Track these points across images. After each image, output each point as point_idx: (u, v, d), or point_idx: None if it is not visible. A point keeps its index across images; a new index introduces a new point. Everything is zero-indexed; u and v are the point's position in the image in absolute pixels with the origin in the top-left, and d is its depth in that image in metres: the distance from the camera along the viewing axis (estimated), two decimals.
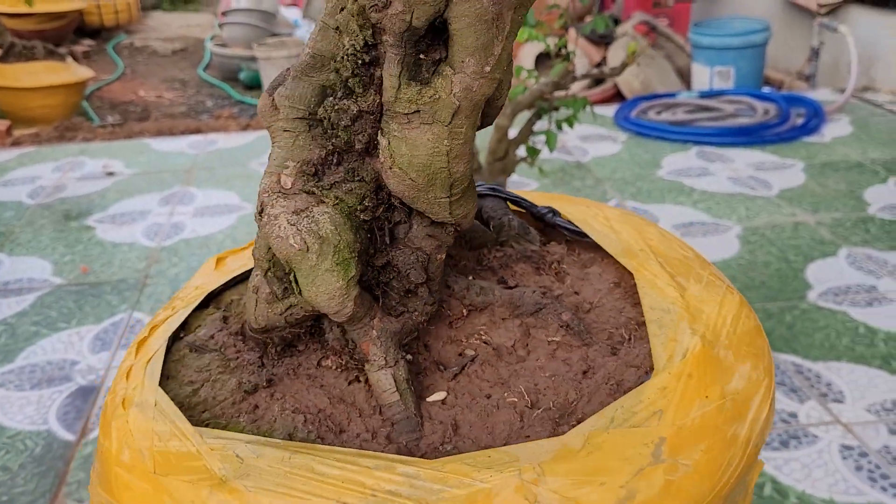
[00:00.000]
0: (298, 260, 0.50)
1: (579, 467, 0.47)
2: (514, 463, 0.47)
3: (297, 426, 0.53)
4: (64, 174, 2.57)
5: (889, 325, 1.59)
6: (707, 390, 0.55)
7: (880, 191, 2.23)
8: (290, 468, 0.47)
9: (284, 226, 0.50)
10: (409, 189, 0.52)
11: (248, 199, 2.30)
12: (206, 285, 0.68)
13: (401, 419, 0.53)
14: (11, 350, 1.59)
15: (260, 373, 0.57)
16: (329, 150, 0.52)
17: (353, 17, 0.49)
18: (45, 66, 3.62)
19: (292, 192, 0.50)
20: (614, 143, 2.69)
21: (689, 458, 0.50)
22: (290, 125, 0.51)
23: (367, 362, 0.55)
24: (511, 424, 0.54)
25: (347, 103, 0.51)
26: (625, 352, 0.61)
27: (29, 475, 1.26)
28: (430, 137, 0.50)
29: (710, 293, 0.65)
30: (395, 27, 0.47)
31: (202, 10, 7.70)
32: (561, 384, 0.57)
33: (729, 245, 1.94)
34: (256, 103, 4.49)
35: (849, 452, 1.26)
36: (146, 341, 0.63)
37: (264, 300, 0.54)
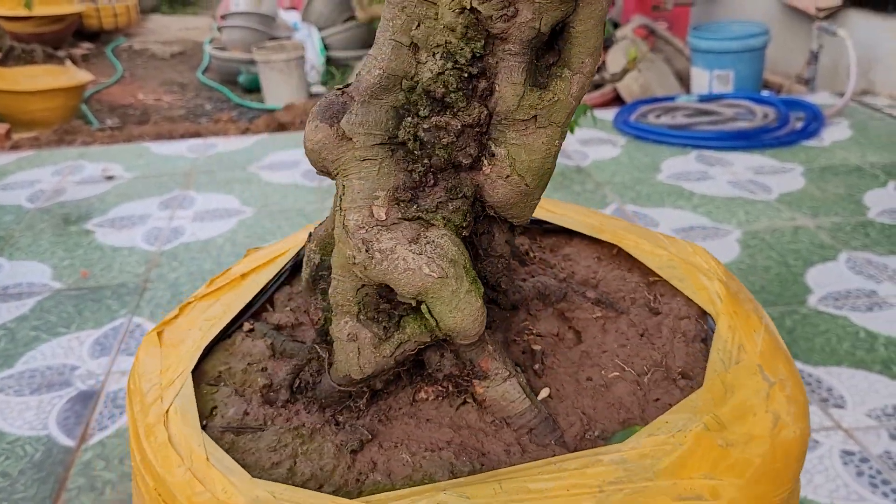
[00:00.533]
0: (438, 288, 0.47)
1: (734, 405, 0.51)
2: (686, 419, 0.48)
3: (452, 462, 0.50)
4: (63, 178, 2.57)
5: (889, 329, 1.59)
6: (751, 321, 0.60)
7: (880, 195, 2.23)
8: (509, 496, 0.45)
9: (411, 257, 0.47)
10: (519, 195, 0.50)
11: (248, 203, 2.30)
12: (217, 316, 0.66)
13: (538, 423, 0.52)
14: (11, 355, 1.59)
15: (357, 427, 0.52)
16: (421, 172, 0.49)
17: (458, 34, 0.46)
18: (45, 70, 3.62)
19: (390, 222, 0.48)
20: (614, 146, 2.69)
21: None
22: (370, 153, 0.48)
23: (484, 379, 0.52)
24: (634, 394, 0.55)
25: (445, 120, 0.48)
26: (664, 308, 0.64)
27: (29, 481, 1.25)
28: (545, 140, 0.49)
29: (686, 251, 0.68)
30: (524, 35, 0.46)
31: (201, 12, 7.71)
32: (639, 349, 0.59)
33: (729, 249, 1.94)
34: (256, 106, 4.49)
35: (850, 458, 1.26)
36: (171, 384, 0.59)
37: (369, 345, 0.50)
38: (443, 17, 0.46)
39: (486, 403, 0.53)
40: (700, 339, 0.61)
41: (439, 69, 0.47)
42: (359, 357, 0.50)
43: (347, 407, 0.53)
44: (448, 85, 0.47)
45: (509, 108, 0.48)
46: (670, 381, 0.56)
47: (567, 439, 0.52)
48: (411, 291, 0.48)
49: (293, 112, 3.22)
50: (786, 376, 0.55)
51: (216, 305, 0.62)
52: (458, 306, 0.48)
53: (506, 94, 0.47)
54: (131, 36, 6.49)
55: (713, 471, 0.46)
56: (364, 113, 0.47)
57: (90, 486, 1.24)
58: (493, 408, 0.53)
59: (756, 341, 0.57)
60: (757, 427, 0.49)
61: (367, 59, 0.48)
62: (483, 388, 0.53)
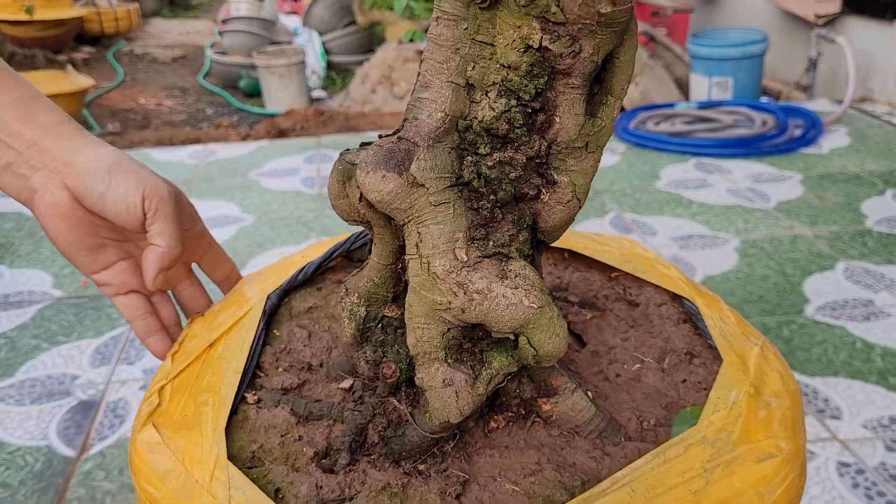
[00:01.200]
0: (538, 318, 0.48)
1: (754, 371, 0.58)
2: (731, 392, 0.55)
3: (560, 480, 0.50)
4: None
5: (886, 340, 1.60)
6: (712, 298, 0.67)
7: (878, 203, 2.24)
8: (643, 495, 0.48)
9: (510, 293, 0.47)
10: (571, 218, 0.53)
11: (248, 211, 2.31)
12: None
13: (605, 426, 0.54)
14: (12, 364, 1.60)
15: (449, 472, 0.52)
16: (489, 208, 0.50)
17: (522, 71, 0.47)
18: (46, 76, 3.63)
19: (472, 262, 0.48)
20: (612, 154, 2.69)
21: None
22: (443, 197, 0.48)
23: (553, 395, 0.54)
24: (663, 380, 0.59)
25: (510, 155, 0.49)
26: (640, 299, 0.68)
27: (29, 491, 1.26)
28: (593, 163, 0.51)
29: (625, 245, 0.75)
30: (585, 69, 0.48)
31: (202, 17, 7.72)
32: (641, 339, 0.63)
33: (727, 258, 1.95)
34: (257, 111, 4.50)
35: (846, 469, 1.27)
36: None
37: (466, 387, 0.50)
38: (503, 57, 0.47)
39: (553, 418, 0.55)
40: (682, 320, 0.65)
41: (503, 107, 0.48)
42: (457, 400, 0.50)
43: (431, 455, 0.53)
44: (513, 121, 0.48)
45: (571, 138, 0.50)
46: (685, 362, 0.60)
47: (631, 434, 0.55)
48: (513, 326, 0.48)
49: (294, 118, 3.23)
50: (760, 338, 0.62)
51: (198, 383, 0.58)
52: (555, 332, 0.49)
53: (568, 125, 0.49)
54: (132, 40, 6.51)
55: (768, 430, 0.52)
56: (432, 157, 0.47)
57: (90, 496, 1.25)
58: (562, 420, 0.55)
59: (728, 313, 0.63)
60: (774, 385, 0.56)
61: (423, 102, 0.47)
62: (551, 404, 0.55)
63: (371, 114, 3.40)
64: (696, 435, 0.51)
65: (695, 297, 0.66)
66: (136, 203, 0.59)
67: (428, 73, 0.48)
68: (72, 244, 0.61)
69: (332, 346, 0.62)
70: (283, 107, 4.32)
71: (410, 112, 0.49)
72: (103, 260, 0.64)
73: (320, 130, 3.15)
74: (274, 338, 0.64)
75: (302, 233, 2.15)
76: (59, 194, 0.59)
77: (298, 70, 4.41)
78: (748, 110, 2.84)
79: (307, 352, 0.63)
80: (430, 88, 0.48)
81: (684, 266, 1.91)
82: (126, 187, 0.59)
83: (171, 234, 0.61)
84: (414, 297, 0.50)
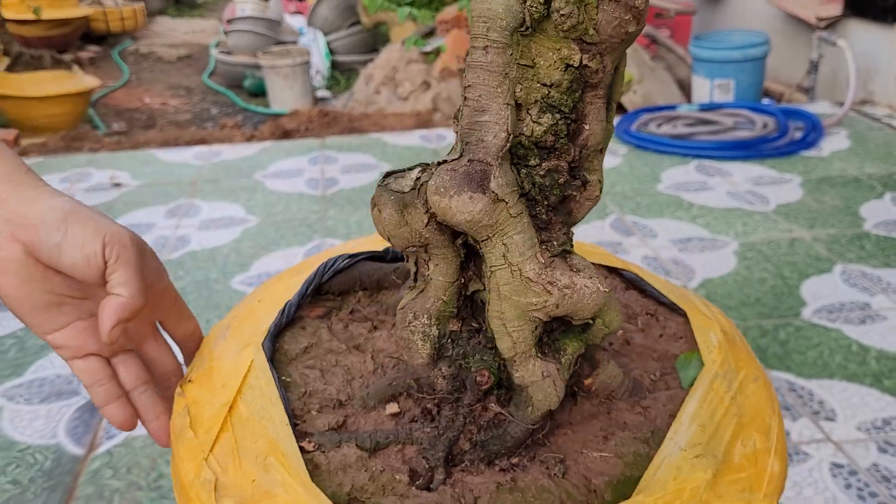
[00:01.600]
0: (608, 300, 0.56)
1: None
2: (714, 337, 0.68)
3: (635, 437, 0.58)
4: (72, 185, 2.61)
5: (881, 343, 1.62)
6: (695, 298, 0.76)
7: (876, 206, 2.26)
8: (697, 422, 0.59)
9: (589, 283, 0.54)
10: (589, 210, 0.60)
11: (252, 212, 2.34)
12: None
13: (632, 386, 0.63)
14: (21, 364, 1.63)
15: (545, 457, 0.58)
16: (545, 214, 0.55)
17: (562, 88, 0.53)
18: (52, 76, 3.66)
19: (548, 262, 0.54)
20: (615, 156, 2.72)
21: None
22: (519, 208, 0.53)
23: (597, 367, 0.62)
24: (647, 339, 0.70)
25: (555, 163, 0.55)
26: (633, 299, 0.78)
27: (39, 489, 1.29)
28: (604, 161, 0.59)
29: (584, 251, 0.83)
30: (607, 80, 0.54)
31: (207, 16, 7.75)
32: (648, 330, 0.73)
33: (726, 261, 1.97)
34: (261, 111, 4.53)
35: (839, 470, 1.29)
36: None
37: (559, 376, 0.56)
38: (545, 77, 0.52)
39: (593, 389, 0.61)
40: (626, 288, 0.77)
41: (550, 121, 0.53)
42: (556, 388, 0.55)
43: (525, 446, 0.56)
44: (559, 133, 0.54)
45: (598, 141, 0.56)
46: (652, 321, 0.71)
47: (648, 388, 0.63)
48: (595, 310, 0.55)
49: (298, 119, 3.26)
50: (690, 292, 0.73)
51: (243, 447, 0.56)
52: (617, 308, 0.57)
53: (596, 131, 0.55)
54: (138, 39, 6.54)
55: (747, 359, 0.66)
56: (505, 174, 0.52)
57: (98, 494, 1.28)
58: (600, 390, 0.61)
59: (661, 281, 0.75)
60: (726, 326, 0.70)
61: (485, 125, 0.52)
62: (593, 377, 0.60)
63: (374, 114, 3.43)
64: (710, 373, 0.62)
65: (628, 267, 0.77)
66: (96, 252, 0.55)
67: (483, 98, 0.52)
68: (24, 302, 0.56)
69: (350, 378, 0.63)
70: (287, 107, 4.34)
71: (472, 135, 0.52)
72: (59, 319, 0.58)
73: (324, 132, 3.18)
74: (287, 384, 0.63)
75: (306, 234, 2.18)
76: (10, 247, 0.54)
77: (303, 70, 4.43)
78: (749, 112, 2.86)
79: (330, 389, 0.62)
80: (489, 111, 0.52)
81: (683, 268, 1.93)
82: (84, 235, 0.55)
83: (132, 284, 0.56)
84: (506, 304, 0.54)
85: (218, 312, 1.79)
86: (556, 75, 0.52)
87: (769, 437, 0.58)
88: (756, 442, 0.57)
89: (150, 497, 1.27)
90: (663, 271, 1.92)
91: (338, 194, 2.46)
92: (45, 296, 0.57)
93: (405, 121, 3.27)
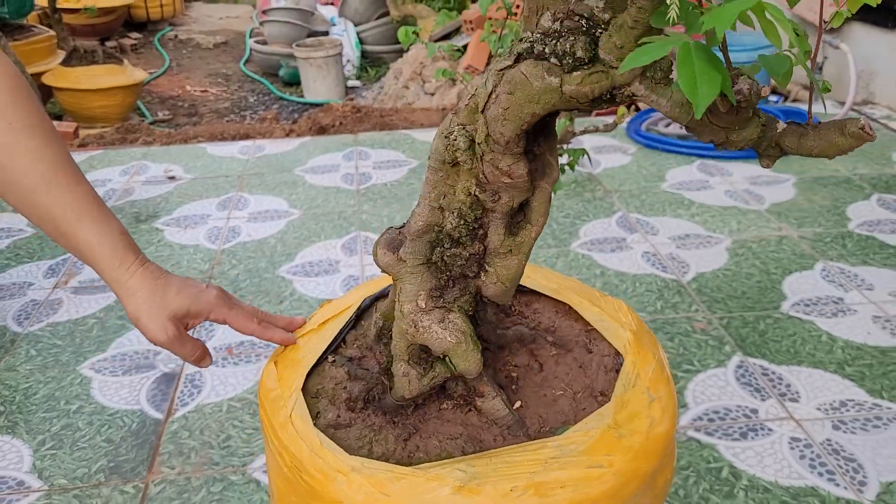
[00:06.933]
0: (454, 348, 0.80)
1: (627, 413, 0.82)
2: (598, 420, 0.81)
3: (463, 446, 0.81)
4: (130, 177, 2.89)
5: (848, 334, 1.85)
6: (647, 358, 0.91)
7: (862, 207, 2.47)
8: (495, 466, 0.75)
9: (439, 331, 0.79)
10: (503, 293, 0.83)
11: (295, 206, 2.60)
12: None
13: (513, 423, 0.83)
14: (104, 341, 1.91)
15: (406, 425, 0.84)
16: (445, 280, 0.81)
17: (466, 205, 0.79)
18: (105, 69, 3.94)
19: (427, 309, 0.79)
20: (624, 154, 2.94)
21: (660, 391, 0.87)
22: (415, 270, 0.80)
23: (481, 397, 0.84)
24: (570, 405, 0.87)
25: (459, 251, 0.80)
26: (595, 349, 0.95)
27: (129, 446, 1.57)
28: (516, 263, 0.82)
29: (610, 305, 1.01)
30: (504, 209, 0.78)
31: (241, 0, 7.99)
32: (577, 376, 0.91)
33: (718, 257, 2.20)
34: (296, 100, 4.77)
35: (796, 444, 1.53)
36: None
37: (416, 378, 0.83)
38: (458, 195, 0.78)
39: (482, 411, 0.85)
40: (615, 370, 0.91)
41: (456, 223, 0.79)
42: (409, 385, 0.83)
43: (400, 413, 0.84)
44: (461, 233, 0.79)
45: (496, 247, 0.80)
46: (593, 398, 0.87)
47: (531, 433, 0.83)
48: (441, 350, 0.81)
49: (332, 115, 3.51)
50: (664, 394, 0.85)
51: (308, 344, 0.92)
52: (467, 358, 0.81)
53: (494, 240, 0.80)
54: (176, 25, 6.81)
55: (611, 451, 0.76)
56: (413, 246, 0.80)
57: (178, 451, 1.55)
58: (487, 414, 0.84)
59: (648, 372, 0.87)
60: (640, 426, 0.80)
61: (415, 214, 0.79)
62: (480, 402, 0.84)
63: (403, 109, 3.67)
64: (554, 441, 0.78)
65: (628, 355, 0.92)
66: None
67: (421, 197, 0.80)
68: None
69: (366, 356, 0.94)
70: (320, 96, 4.59)
71: (410, 218, 0.81)
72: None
73: (357, 127, 3.43)
74: (360, 326, 0.98)
75: (343, 227, 2.43)
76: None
77: (336, 62, 4.68)
78: None
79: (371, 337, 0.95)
80: (420, 206, 0.81)
81: (679, 263, 2.17)
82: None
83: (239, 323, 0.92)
84: (395, 323, 0.84)
85: (268, 299, 2.06)
86: (462, 197, 0.79)
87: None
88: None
89: (220, 454, 1.54)
90: (660, 266, 2.16)
91: (370, 189, 2.71)
92: None
93: (432, 116, 3.51)
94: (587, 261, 2.19)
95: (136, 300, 0.86)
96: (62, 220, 0.83)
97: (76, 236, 0.84)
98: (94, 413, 1.66)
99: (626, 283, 2.08)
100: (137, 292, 0.86)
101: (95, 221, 0.85)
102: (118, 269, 0.86)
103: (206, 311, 0.89)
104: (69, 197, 0.83)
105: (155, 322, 0.86)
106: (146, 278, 0.87)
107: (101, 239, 0.85)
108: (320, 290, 2.08)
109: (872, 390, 1.66)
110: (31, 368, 1.81)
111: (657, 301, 1.99)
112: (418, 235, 0.79)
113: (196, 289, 0.89)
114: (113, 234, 0.86)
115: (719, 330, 1.87)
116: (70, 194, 0.84)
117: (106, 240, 0.85)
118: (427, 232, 0.79)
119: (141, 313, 0.86)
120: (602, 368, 0.91)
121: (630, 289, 2.05)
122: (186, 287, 0.89)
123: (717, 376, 1.71)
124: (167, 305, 0.86)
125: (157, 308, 0.86)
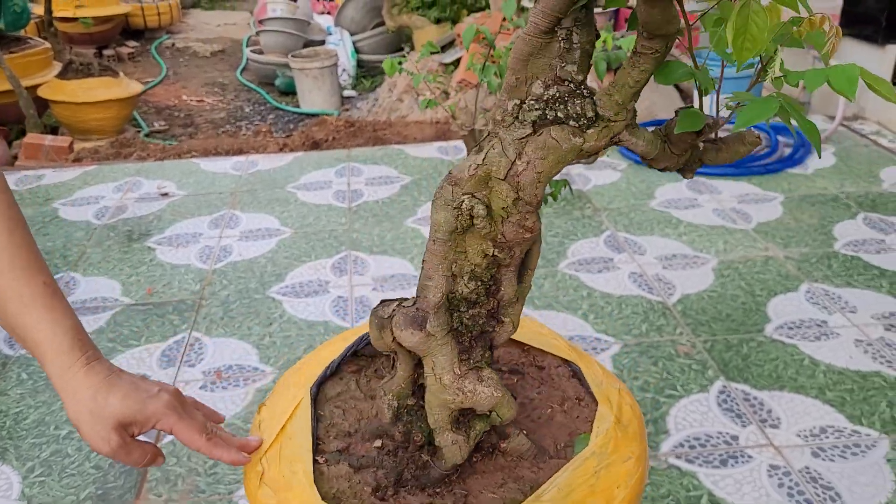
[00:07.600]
0: (500, 401, 0.84)
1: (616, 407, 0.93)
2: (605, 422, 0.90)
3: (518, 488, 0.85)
4: (124, 194, 2.91)
5: (831, 358, 1.87)
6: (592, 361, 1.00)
7: (848, 226, 2.49)
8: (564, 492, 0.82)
9: (485, 390, 0.83)
10: (509, 336, 0.87)
11: (286, 224, 2.62)
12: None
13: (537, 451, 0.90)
14: None
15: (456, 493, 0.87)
16: (468, 341, 0.84)
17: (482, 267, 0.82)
18: (101, 82, 3.96)
19: (463, 374, 0.83)
20: (614, 171, 2.96)
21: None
22: (444, 341, 0.82)
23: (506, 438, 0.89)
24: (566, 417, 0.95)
25: (477, 311, 0.84)
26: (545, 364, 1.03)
27: (118, 473, 1.59)
28: (520, 310, 0.87)
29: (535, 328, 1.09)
30: (516, 262, 0.83)
31: (239, 7, 8.02)
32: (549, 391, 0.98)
33: (704, 278, 2.22)
34: (292, 110, 4.79)
35: (775, 471, 1.55)
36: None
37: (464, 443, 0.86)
38: (472, 259, 0.81)
39: (507, 451, 0.89)
40: (571, 375, 0.99)
41: (474, 287, 0.82)
42: (460, 451, 0.86)
43: (444, 483, 0.86)
44: (479, 294, 0.83)
45: (510, 298, 0.84)
46: (576, 405, 0.95)
47: (552, 454, 0.89)
48: (488, 407, 0.84)
49: (326, 129, 3.53)
50: (618, 383, 0.97)
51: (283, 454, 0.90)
52: (510, 406, 0.85)
53: (508, 291, 0.84)
54: (173, 33, 6.83)
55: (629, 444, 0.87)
56: (438, 319, 0.82)
57: (165, 478, 1.57)
58: (512, 452, 0.89)
59: (597, 368, 0.98)
60: (625, 415, 0.91)
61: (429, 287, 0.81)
62: (505, 444, 0.89)
63: (397, 122, 3.69)
64: (590, 451, 0.87)
65: (576, 360, 1.00)
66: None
67: (430, 270, 0.82)
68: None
69: (360, 418, 0.94)
70: (316, 106, 4.61)
71: (422, 292, 0.82)
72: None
73: (350, 142, 3.45)
74: (321, 417, 0.96)
75: (334, 246, 2.46)
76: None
77: (331, 72, 4.70)
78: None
79: (345, 424, 0.94)
80: (433, 279, 0.82)
81: (665, 285, 2.19)
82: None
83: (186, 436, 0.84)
84: (432, 398, 0.85)
85: (258, 320, 2.08)
86: (478, 259, 0.82)
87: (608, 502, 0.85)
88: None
89: (206, 481, 1.56)
90: (647, 287, 2.18)
91: (362, 206, 2.74)
92: None
93: (425, 129, 3.53)
94: (574, 282, 2.21)
95: (75, 403, 0.80)
96: (11, 308, 0.79)
97: (24, 327, 0.80)
98: (83, 438, 1.68)
99: (612, 304, 2.10)
100: (78, 393, 0.80)
101: (47, 311, 0.80)
102: (60, 366, 0.80)
103: (152, 420, 0.82)
104: (22, 284, 0.80)
105: (95, 432, 0.80)
106: (90, 378, 0.80)
107: (49, 331, 0.80)
108: (310, 312, 2.10)
109: (852, 416, 1.68)
110: (21, 392, 1.83)
111: (642, 324, 2.01)
112: (440, 307, 0.82)
113: (145, 394, 0.82)
114: (63, 326, 0.80)
115: (703, 354, 1.89)
116: (23, 283, 0.79)
117: (53, 332, 0.80)
118: (446, 302, 0.82)
119: (81, 420, 0.80)
120: (563, 377, 0.98)
121: (616, 311, 2.07)
122: (135, 391, 0.82)
123: (700, 402, 1.73)
124: (111, 413, 0.80)
125: (99, 415, 0.80)
